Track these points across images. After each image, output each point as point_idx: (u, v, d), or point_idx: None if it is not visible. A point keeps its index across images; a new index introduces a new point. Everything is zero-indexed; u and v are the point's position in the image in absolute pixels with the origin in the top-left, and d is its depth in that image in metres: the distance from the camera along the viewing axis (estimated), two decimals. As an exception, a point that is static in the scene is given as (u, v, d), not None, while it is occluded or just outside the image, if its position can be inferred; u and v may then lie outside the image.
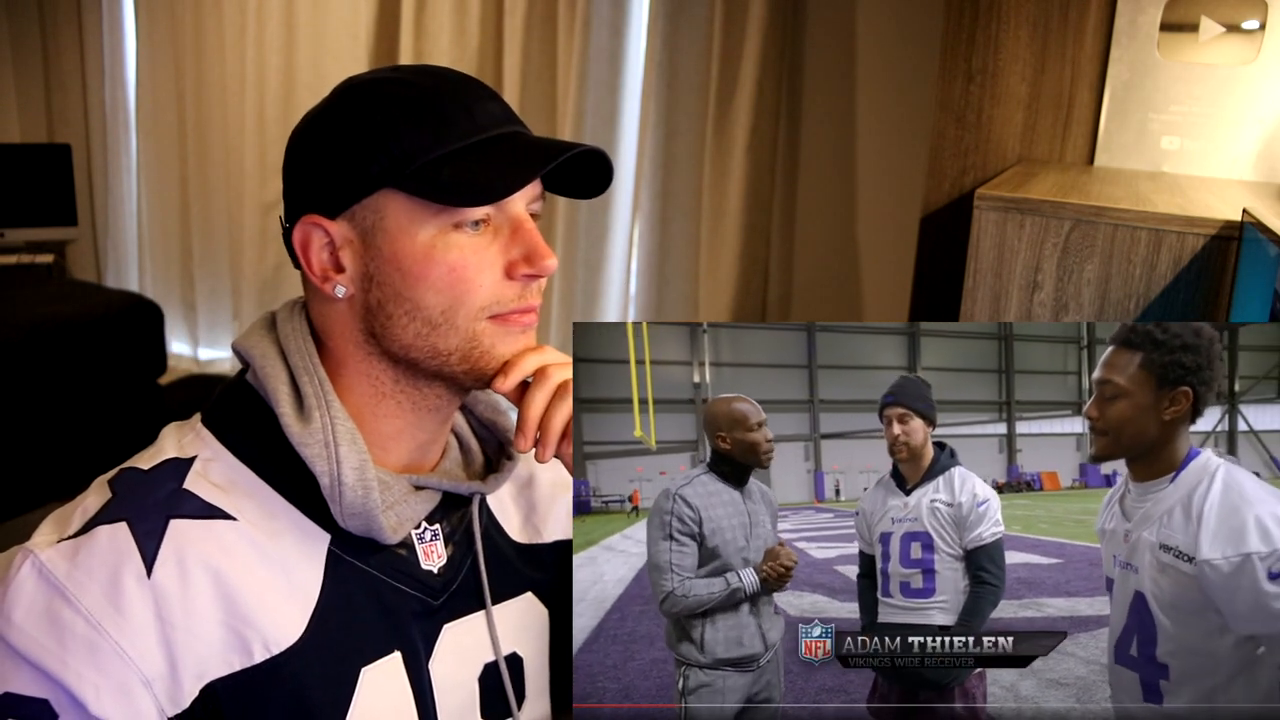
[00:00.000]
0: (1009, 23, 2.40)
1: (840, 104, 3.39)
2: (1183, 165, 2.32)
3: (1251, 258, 1.53)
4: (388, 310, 0.86)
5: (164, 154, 4.58)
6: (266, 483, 0.87)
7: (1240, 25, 2.23)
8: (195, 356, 4.71)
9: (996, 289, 1.85)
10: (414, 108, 0.84)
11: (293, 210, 0.88)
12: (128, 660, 0.78)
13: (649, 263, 3.69)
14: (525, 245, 0.87)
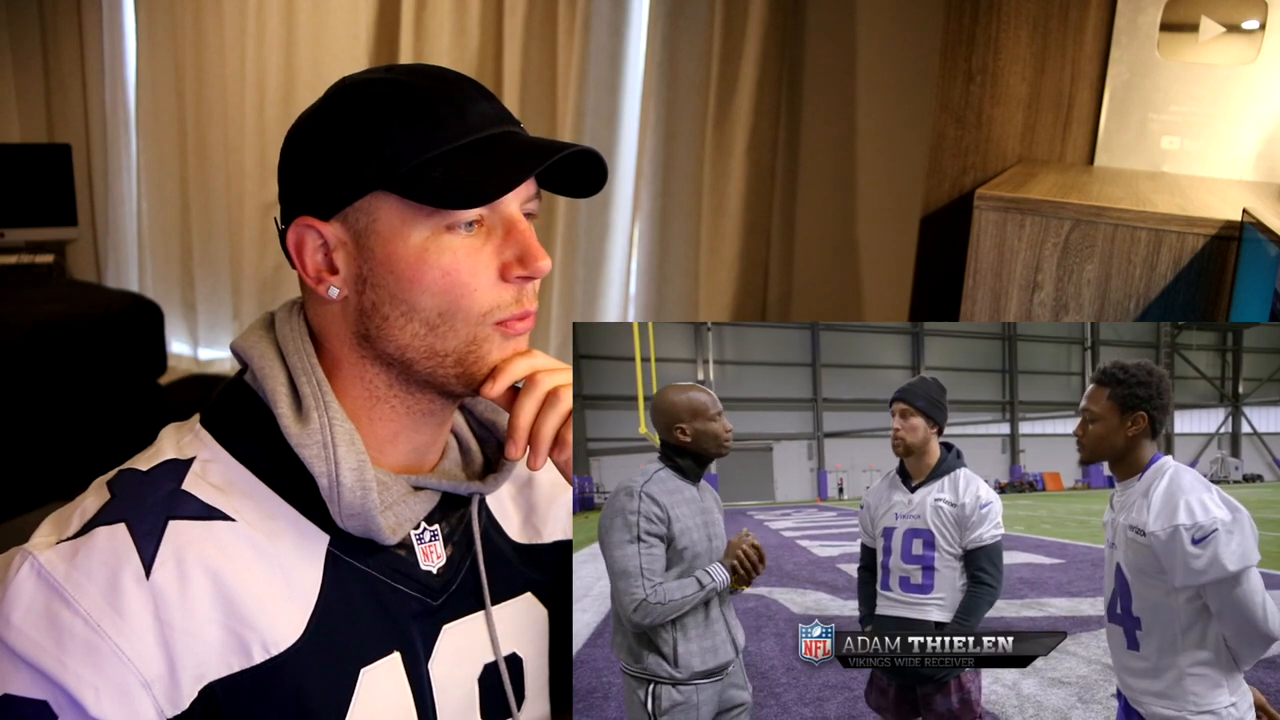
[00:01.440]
0: (1009, 23, 2.40)
1: (840, 104, 3.39)
2: (1183, 165, 2.32)
3: (1251, 258, 1.53)
4: (384, 312, 0.86)
5: (164, 154, 4.58)
6: (265, 484, 0.87)
7: (1240, 25, 2.23)
8: (195, 356, 4.71)
9: (996, 289, 1.85)
10: (405, 109, 0.83)
11: (288, 211, 0.88)
12: (127, 661, 0.77)
13: (649, 263, 3.69)
14: (519, 246, 0.86)
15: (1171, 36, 2.29)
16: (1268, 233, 1.42)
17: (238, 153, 4.30)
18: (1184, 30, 2.27)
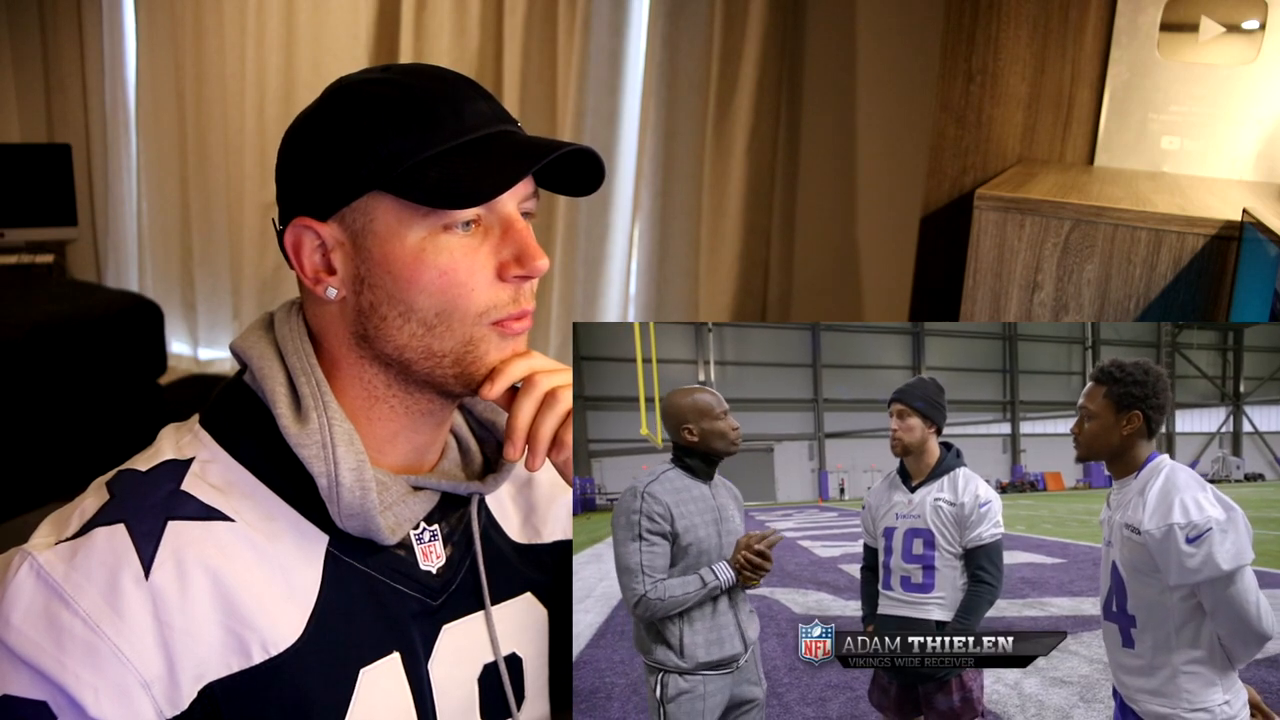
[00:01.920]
0: (1009, 23, 2.40)
1: (840, 104, 3.39)
2: (1183, 165, 2.32)
3: (1251, 258, 1.53)
4: (381, 312, 0.86)
5: (164, 154, 4.58)
6: (264, 484, 0.87)
7: (1240, 25, 2.23)
8: (195, 356, 4.71)
9: (996, 289, 1.85)
10: (401, 109, 0.83)
11: (286, 212, 0.88)
12: (126, 662, 0.77)
13: (649, 263, 3.69)
14: (516, 246, 0.86)
15: (1171, 36, 2.29)
16: (1268, 233, 1.42)
17: (238, 153, 4.30)
18: (1184, 30, 2.27)
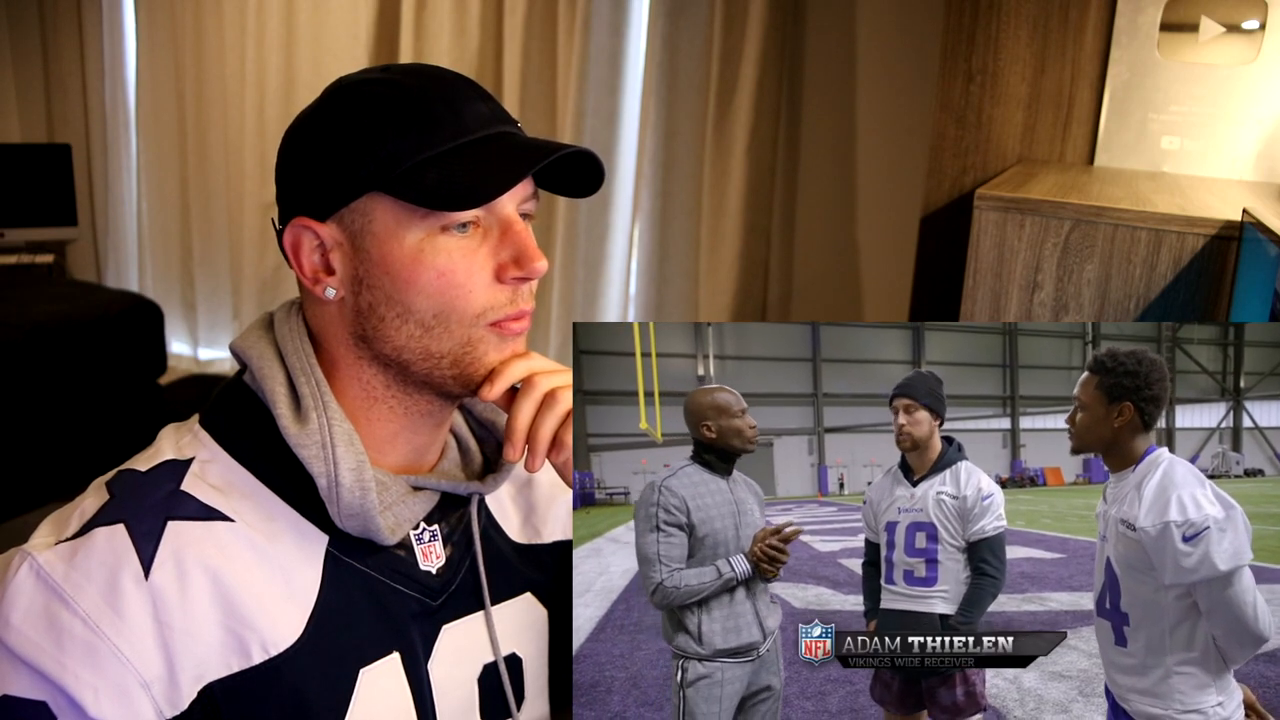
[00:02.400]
0: (1009, 23, 2.40)
1: (840, 104, 3.39)
2: (1183, 165, 2.32)
3: (1251, 258, 1.53)
4: (379, 313, 0.86)
5: (164, 154, 4.58)
6: (264, 484, 0.87)
7: (1240, 25, 2.23)
8: (195, 356, 4.71)
9: (996, 289, 1.85)
10: (400, 110, 0.83)
11: (285, 212, 0.88)
12: (126, 662, 0.77)
13: (649, 263, 3.69)
14: (515, 247, 0.86)
15: (1171, 36, 2.29)
16: (1268, 233, 1.42)
17: (238, 153, 4.30)
18: (1184, 30, 2.27)
